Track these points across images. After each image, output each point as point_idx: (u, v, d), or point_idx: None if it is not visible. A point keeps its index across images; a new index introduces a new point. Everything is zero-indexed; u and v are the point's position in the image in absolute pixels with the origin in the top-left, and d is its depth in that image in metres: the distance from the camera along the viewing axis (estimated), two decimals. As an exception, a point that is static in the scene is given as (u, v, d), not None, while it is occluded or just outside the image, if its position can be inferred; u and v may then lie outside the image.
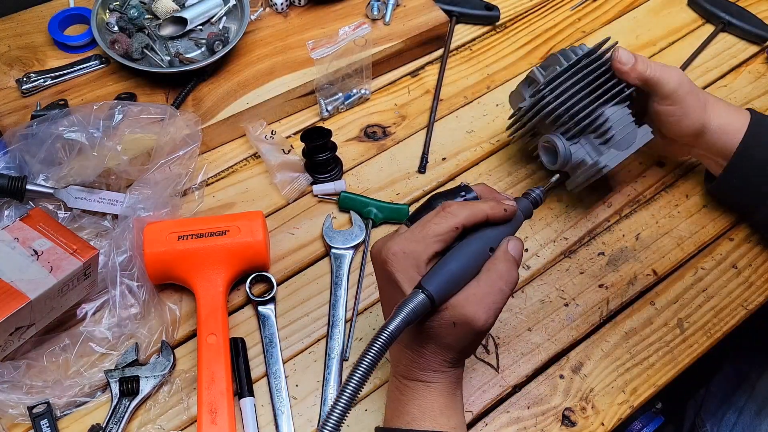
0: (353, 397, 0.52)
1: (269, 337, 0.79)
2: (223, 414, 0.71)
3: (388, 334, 0.54)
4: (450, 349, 0.62)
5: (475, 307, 0.59)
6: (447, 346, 0.61)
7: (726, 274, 0.86)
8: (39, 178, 0.84)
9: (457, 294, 0.60)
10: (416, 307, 0.56)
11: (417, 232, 0.60)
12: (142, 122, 0.85)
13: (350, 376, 0.52)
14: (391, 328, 0.55)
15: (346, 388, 0.52)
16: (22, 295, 0.69)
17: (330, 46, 0.90)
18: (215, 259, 0.79)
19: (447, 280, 0.59)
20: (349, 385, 0.52)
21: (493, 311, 0.60)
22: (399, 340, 0.61)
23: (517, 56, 1.07)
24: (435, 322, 0.60)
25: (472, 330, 0.60)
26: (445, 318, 0.59)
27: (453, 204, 0.61)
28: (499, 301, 0.60)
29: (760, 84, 1.04)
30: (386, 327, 0.55)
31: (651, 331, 0.81)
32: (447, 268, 0.59)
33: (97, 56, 0.96)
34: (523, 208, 0.67)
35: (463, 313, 0.59)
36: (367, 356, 0.53)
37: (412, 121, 0.99)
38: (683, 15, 1.13)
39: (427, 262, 0.60)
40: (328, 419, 0.51)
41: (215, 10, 0.98)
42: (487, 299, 0.59)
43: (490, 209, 0.62)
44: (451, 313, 0.59)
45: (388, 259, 0.60)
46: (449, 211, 0.61)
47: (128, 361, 0.75)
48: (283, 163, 0.90)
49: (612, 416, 0.76)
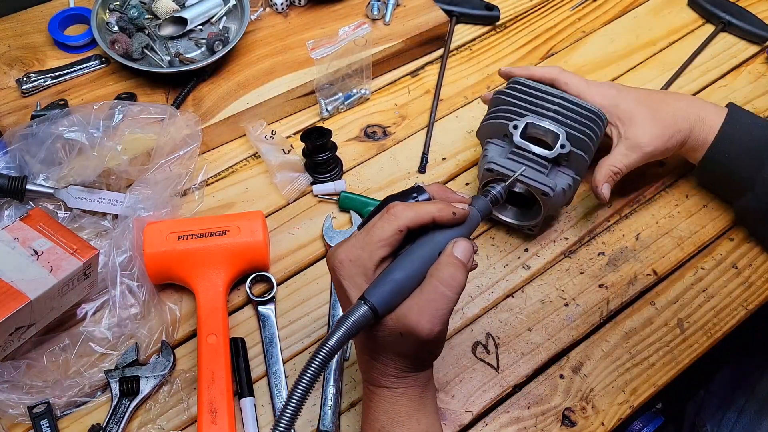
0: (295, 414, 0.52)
1: (269, 337, 0.79)
2: (223, 414, 0.71)
3: (328, 349, 0.54)
4: (404, 356, 0.60)
5: (417, 316, 0.56)
6: (400, 354, 0.60)
7: (726, 274, 0.86)
8: (39, 178, 0.84)
9: (402, 304, 0.57)
10: (358, 320, 0.55)
11: (362, 238, 0.58)
12: (142, 122, 0.85)
13: (291, 392, 0.52)
14: (330, 344, 0.54)
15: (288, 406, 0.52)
16: (22, 295, 0.69)
17: (330, 46, 0.90)
18: (215, 259, 0.79)
19: (391, 289, 0.57)
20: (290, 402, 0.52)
21: (438, 319, 0.57)
22: (360, 349, 0.62)
23: (517, 56, 1.07)
24: (381, 333, 0.58)
25: (418, 339, 0.57)
26: (391, 328, 0.58)
27: (397, 205, 0.59)
28: (444, 308, 0.57)
29: (760, 84, 1.04)
30: (326, 342, 0.54)
31: (651, 331, 0.81)
32: (391, 277, 0.57)
33: (97, 56, 0.96)
34: (481, 207, 0.63)
35: (406, 323, 0.57)
36: (307, 372, 0.53)
37: (412, 121, 0.99)
38: (683, 15, 1.13)
39: (374, 268, 0.58)
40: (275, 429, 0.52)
41: (215, 10, 0.99)
42: (430, 307, 0.57)
43: (438, 211, 0.59)
44: (396, 323, 0.57)
45: (335, 266, 0.59)
46: (392, 213, 0.58)
47: (128, 361, 0.75)
48: (283, 163, 0.90)
49: (612, 416, 0.76)
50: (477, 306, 0.83)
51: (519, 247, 0.87)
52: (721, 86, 1.04)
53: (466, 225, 0.61)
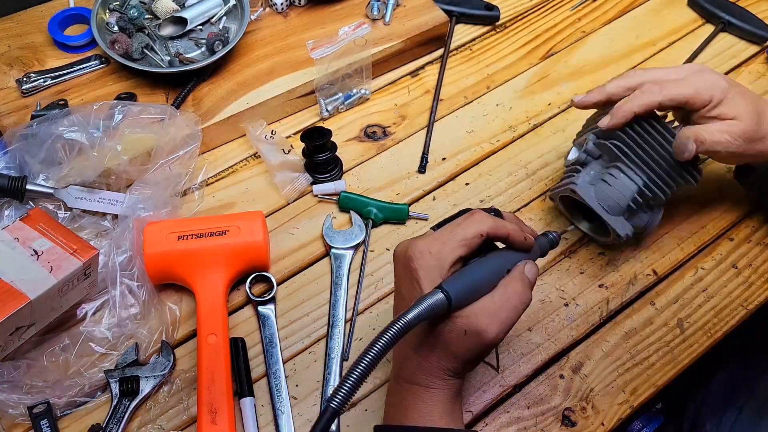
0: (363, 377, 0.52)
1: (269, 337, 0.79)
2: (223, 414, 0.71)
3: (404, 322, 0.55)
4: (456, 357, 0.62)
5: (488, 319, 0.60)
6: (453, 355, 0.62)
7: (726, 274, 0.86)
8: (39, 178, 0.84)
9: (473, 304, 0.61)
10: (434, 303, 0.57)
11: (444, 234, 0.62)
12: (142, 122, 0.85)
13: (362, 356, 0.52)
14: (408, 317, 0.55)
15: (356, 368, 0.51)
16: (22, 295, 0.69)
17: (330, 46, 0.90)
18: (215, 259, 0.79)
19: (466, 286, 0.60)
20: (360, 364, 0.52)
21: (504, 326, 0.61)
22: (408, 342, 0.62)
23: (517, 56, 1.07)
24: (447, 327, 0.60)
25: (481, 341, 0.60)
26: (458, 325, 0.60)
27: (480, 212, 0.63)
28: (512, 317, 0.61)
29: (760, 84, 1.04)
30: (404, 315, 0.55)
31: (651, 331, 0.81)
32: (468, 275, 0.61)
33: (97, 56, 0.96)
34: (541, 244, 0.69)
35: (475, 323, 0.60)
36: (381, 340, 0.53)
37: (412, 121, 0.99)
38: (683, 15, 1.13)
39: (450, 266, 0.61)
40: (336, 394, 0.51)
41: (215, 10, 0.98)
42: (501, 314, 0.61)
43: (512, 230, 0.64)
44: (465, 321, 0.60)
45: (413, 256, 0.61)
46: (476, 218, 0.62)
47: (128, 361, 0.75)
48: (283, 163, 0.90)
49: (612, 416, 0.76)
50: (477, 306, 0.83)
51: (519, 247, 0.87)
52: (721, 86, 1.04)
53: (529, 255, 0.66)
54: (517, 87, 1.03)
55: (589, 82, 1.04)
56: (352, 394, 0.51)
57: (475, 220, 0.62)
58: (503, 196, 0.92)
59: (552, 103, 1.01)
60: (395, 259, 0.64)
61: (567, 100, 1.02)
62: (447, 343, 0.61)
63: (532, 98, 1.02)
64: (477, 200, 0.91)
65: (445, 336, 0.61)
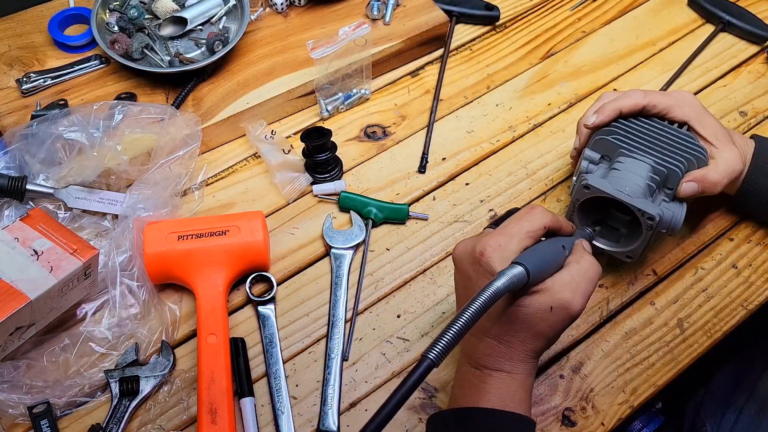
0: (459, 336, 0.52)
1: (269, 337, 0.79)
2: (223, 414, 0.71)
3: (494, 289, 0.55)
4: (540, 336, 0.63)
5: (571, 293, 0.62)
6: (538, 334, 0.63)
7: (726, 274, 0.86)
8: (39, 178, 0.84)
9: (551, 279, 0.63)
10: (516, 274, 0.57)
11: (510, 227, 0.65)
12: (142, 122, 0.85)
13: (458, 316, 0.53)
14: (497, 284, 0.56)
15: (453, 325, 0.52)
16: (22, 295, 0.69)
17: (330, 46, 0.90)
18: (215, 259, 0.79)
19: (538, 259, 0.61)
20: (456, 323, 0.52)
21: (586, 298, 0.63)
22: (483, 329, 0.63)
23: (517, 56, 1.07)
24: (530, 307, 0.62)
25: (568, 315, 0.62)
26: (543, 302, 0.62)
27: (540, 207, 0.67)
28: (590, 289, 0.64)
29: (760, 84, 1.04)
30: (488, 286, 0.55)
31: (651, 331, 0.81)
32: (536, 251, 0.63)
33: (97, 56, 0.96)
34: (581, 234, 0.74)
35: (561, 298, 0.62)
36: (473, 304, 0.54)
37: (412, 121, 0.99)
38: (683, 15, 1.13)
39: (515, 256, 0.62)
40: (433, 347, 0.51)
41: (215, 10, 0.98)
42: (582, 286, 0.63)
43: (564, 223, 0.70)
44: (549, 297, 0.62)
45: (485, 251, 0.63)
46: (538, 211, 0.67)
47: (128, 361, 0.75)
48: (283, 163, 0.90)
49: (612, 416, 0.76)
50: (477, 306, 0.83)
51: (519, 247, 0.88)
52: (721, 86, 1.04)
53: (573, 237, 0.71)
54: (517, 87, 1.03)
55: (588, 82, 1.04)
56: (449, 350, 0.52)
57: (538, 213, 0.66)
58: (503, 196, 0.92)
59: (552, 103, 1.01)
60: (459, 259, 0.66)
61: (567, 100, 1.02)
62: (531, 323, 0.62)
63: (532, 98, 1.02)
64: (477, 200, 0.91)
65: (529, 316, 0.62)
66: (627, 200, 0.73)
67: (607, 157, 0.80)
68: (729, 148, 0.79)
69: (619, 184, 0.75)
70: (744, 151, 0.82)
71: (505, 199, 0.91)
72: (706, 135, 0.80)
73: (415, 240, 0.87)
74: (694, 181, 0.77)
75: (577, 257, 0.66)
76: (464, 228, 0.89)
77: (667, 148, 0.78)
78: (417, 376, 0.50)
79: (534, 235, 0.65)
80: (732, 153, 0.79)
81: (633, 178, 0.75)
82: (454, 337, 0.52)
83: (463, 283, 0.66)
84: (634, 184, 0.75)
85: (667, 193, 0.78)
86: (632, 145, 0.78)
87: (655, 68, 1.06)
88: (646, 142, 0.79)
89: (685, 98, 0.82)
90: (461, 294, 0.68)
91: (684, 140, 0.79)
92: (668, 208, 0.77)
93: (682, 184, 0.77)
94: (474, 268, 0.64)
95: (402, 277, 0.85)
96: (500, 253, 0.62)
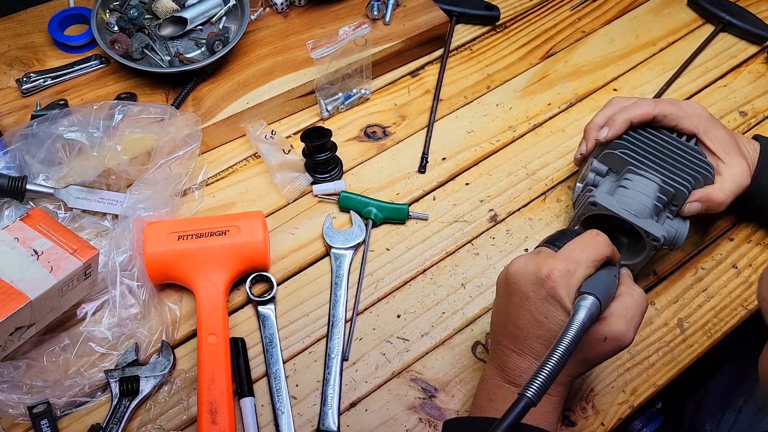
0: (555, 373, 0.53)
1: (269, 337, 0.79)
2: (223, 414, 0.71)
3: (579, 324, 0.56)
4: (586, 363, 0.64)
5: (627, 325, 0.62)
6: (585, 361, 0.64)
7: (726, 274, 0.86)
8: (39, 178, 0.84)
9: (609, 309, 0.62)
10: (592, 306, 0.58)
11: (577, 254, 0.64)
12: (142, 122, 0.85)
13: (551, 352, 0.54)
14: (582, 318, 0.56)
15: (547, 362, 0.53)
16: (22, 295, 0.69)
17: (330, 46, 0.90)
18: (215, 259, 0.79)
19: (604, 290, 0.61)
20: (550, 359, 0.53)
21: (637, 328, 0.64)
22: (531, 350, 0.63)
23: (517, 56, 1.07)
24: (590, 334, 0.61)
25: (619, 346, 0.62)
26: (599, 332, 0.62)
27: (603, 235, 0.66)
28: (640, 322, 0.64)
29: (760, 84, 1.04)
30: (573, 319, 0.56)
31: (651, 331, 0.81)
32: (601, 282, 0.62)
33: (97, 56, 0.96)
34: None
35: (616, 330, 0.62)
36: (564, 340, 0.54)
37: (412, 121, 0.99)
38: (683, 15, 1.13)
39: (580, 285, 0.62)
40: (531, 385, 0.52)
41: (215, 10, 0.98)
42: (635, 319, 0.63)
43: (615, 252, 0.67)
44: (607, 327, 0.62)
45: (552, 275, 0.62)
46: (602, 240, 0.66)
47: (128, 361, 0.75)
48: (283, 163, 0.90)
49: (612, 416, 0.76)
50: (477, 306, 0.83)
51: (519, 247, 0.87)
52: (721, 86, 1.04)
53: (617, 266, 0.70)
54: (517, 87, 1.03)
55: (588, 82, 1.04)
56: (546, 388, 0.52)
57: (603, 242, 0.65)
58: (503, 196, 0.92)
59: (552, 103, 1.01)
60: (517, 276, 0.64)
61: (567, 100, 1.02)
62: (583, 351, 0.63)
63: (532, 98, 1.02)
64: (477, 200, 0.91)
65: (583, 344, 0.62)
66: (633, 221, 0.74)
67: (615, 170, 0.80)
68: (736, 161, 0.79)
69: (625, 202, 0.76)
70: (751, 156, 0.82)
71: (505, 199, 0.91)
72: (713, 148, 0.80)
73: (415, 240, 0.87)
74: (699, 201, 0.78)
75: (629, 288, 0.66)
76: (464, 228, 0.89)
77: (675, 166, 0.78)
78: (514, 416, 0.51)
79: (597, 264, 0.64)
80: (739, 168, 0.79)
81: (640, 197, 0.76)
82: (550, 374, 0.52)
83: (518, 302, 0.64)
84: (641, 204, 0.76)
85: (672, 210, 0.79)
86: (641, 161, 0.78)
87: (655, 68, 1.06)
88: (655, 158, 0.78)
89: (695, 109, 0.81)
90: (514, 312, 0.65)
91: (692, 157, 0.79)
92: (672, 225, 0.78)
93: (687, 204, 0.78)
94: (534, 289, 0.63)
95: (402, 277, 0.85)
96: (567, 280, 0.61)
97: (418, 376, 0.78)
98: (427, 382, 0.77)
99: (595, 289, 0.59)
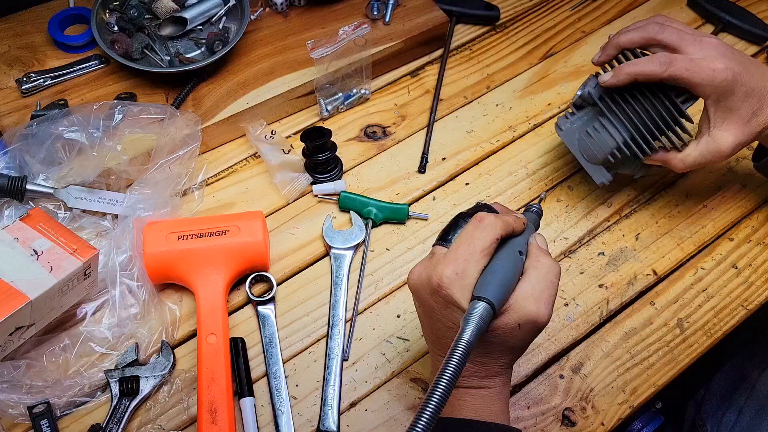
0: (435, 415, 0.49)
1: (269, 337, 0.79)
2: (223, 414, 0.71)
3: (466, 343, 0.53)
4: (513, 350, 0.63)
5: (536, 305, 0.60)
6: (511, 348, 0.62)
7: (726, 274, 0.86)
8: (39, 178, 0.84)
9: (514, 294, 0.60)
10: (483, 315, 0.56)
11: (462, 249, 0.60)
12: (142, 122, 0.85)
13: (431, 393, 0.50)
14: (467, 337, 0.54)
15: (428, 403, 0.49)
16: (22, 295, 0.69)
17: (330, 46, 0.90)
18: (215, 259, 0.79)
19: (499, 284, 0.59)
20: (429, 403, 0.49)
21: (551, 304, 0.61)
22: None
23: (517, 56, 1.07)
24: (500, 327, 0.60)
25: (536, 327, 0.60)
26: (510, 321, 0.60)
27: (488, 216, 0.62)
28: (554, 293, 0.61)
29: (760, 84, 1.04)
30: (461, 337, 0.54)
31: (651, 331, 0.81)
32: (496, 275, 0.60)
33: (97, 56, 0.96)
34: (532, 220, 0.70)
35: (526, 313, 0.59)
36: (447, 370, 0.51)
37: (412, 121, 0.99)
38: (683, 15, 1.13)
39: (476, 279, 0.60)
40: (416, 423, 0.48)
41: (215, 10, 0.98)
42: (545, 294, 0.60)
43: (514, 222, 0.64)
44: (515, 314, 0.59)
45: (442, 283, 0.59)
46: (488, 224, 0.61)
47: (128, 361, 0.75)
48: (283, 163, 0.90)
49: (612, 416, 0.76)
50: (477, 306, 0.83)
51: (519, 247, 0.88)
52: (721, 86, 1.04)
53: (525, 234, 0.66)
54: (517, 87, 1.03)
55: (589, 82, 1.04)
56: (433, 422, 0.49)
57: (488, 226, 0.61)
58: (503, 196, 0.92)
59: (552, 103, 1.01)
60: (416, 289, 0.62)
61: (567, 100, 1.02)
62: (503, 341, 0.61)
63: (532, 98, 1.02)
64: (477, 200, 0.91)
65: (501, 335, 0.60)
66: (583, 164, 0.84)
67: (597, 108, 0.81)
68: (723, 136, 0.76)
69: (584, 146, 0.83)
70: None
71: (505, 199, 0.91)
72: (712, 116, 0.76)
73: (415, 240, 0.87)
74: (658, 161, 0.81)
75: (534, 261, 0.62)
76: (464, 228, 0.89)
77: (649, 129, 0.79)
78: None
79: (489, 251, 0.60)
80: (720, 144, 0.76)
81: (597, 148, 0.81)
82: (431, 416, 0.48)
83: (427, 314, 0.63)
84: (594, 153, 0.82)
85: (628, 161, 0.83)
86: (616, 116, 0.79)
87: (655, 68, 1.06)
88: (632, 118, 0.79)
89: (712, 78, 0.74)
90: (427, 323, 0.64)
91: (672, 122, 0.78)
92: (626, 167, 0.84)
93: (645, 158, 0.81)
94: (434, 299, 0.61)
95: (402, 277, 0.85)
96: (459, 282, 0.59)
97: (418, 376, 0.78)
98: (427, 382, 0.77)
99: (486, 290, 0.57)
